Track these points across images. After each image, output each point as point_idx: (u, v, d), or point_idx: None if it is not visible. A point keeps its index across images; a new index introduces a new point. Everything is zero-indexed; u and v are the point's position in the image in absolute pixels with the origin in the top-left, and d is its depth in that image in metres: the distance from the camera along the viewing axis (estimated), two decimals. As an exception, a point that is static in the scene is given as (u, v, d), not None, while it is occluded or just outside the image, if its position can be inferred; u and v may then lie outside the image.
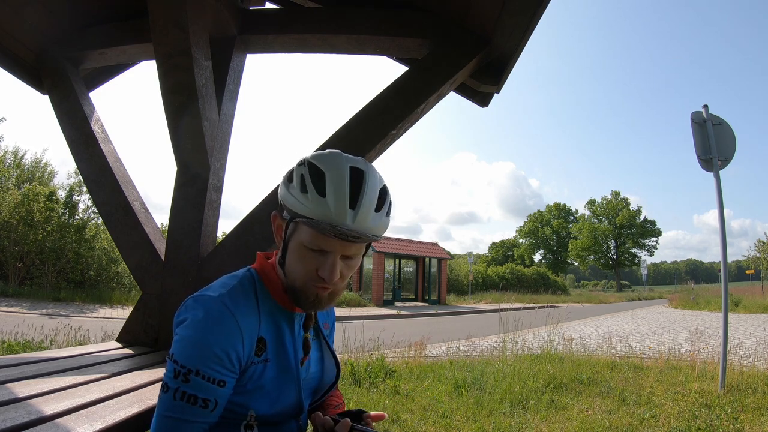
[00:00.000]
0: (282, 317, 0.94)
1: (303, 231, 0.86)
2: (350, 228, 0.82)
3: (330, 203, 0.82)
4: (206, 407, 0.81)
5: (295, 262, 0.89)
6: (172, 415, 0.80)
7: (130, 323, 2.21)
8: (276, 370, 0.90)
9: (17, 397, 1.12)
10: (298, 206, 0.85)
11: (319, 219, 0.82)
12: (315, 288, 0.89)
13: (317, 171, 0.85)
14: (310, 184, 0.84)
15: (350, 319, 11.14)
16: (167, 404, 0.80)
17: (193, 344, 0.80)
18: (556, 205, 63.15)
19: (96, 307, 12.60)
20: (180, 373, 0.79)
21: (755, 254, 32.97)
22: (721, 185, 4.96)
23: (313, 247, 0.86)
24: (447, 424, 3.36)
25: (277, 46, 2.61)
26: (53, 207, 15.00)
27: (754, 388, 4.40)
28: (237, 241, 2.19)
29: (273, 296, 0.94)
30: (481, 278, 33.91)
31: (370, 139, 2.19)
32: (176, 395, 0.79)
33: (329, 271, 0.86)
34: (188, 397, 0.79)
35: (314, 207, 0.83)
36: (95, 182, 2.44)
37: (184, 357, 0.80)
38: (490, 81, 2.47)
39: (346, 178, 0.84)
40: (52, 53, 2.59)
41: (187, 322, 0.83)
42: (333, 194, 0.83)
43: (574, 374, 4.88)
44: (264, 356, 0.89)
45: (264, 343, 0.89)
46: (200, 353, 0.80)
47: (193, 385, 0.79)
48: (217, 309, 0.83)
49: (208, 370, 0.80)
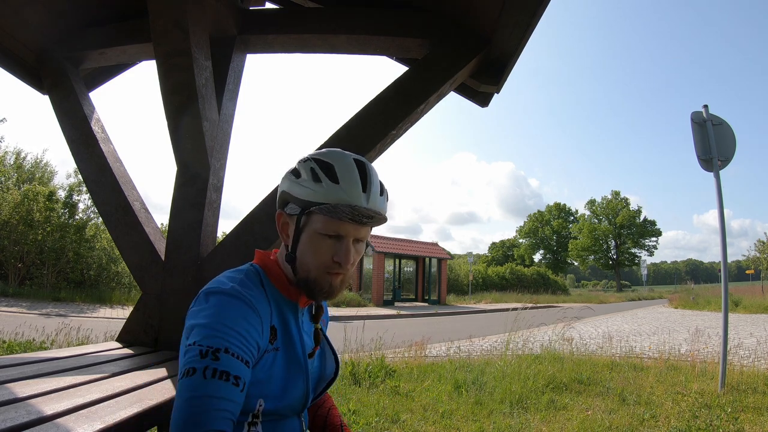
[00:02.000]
0: (287, 308, 0.96)
1: (317, 220, 0.91)
2: (367, 207, 0.89)
3: (345, 188, 0.89)
4: (238, 385, 0.77)
5: (309, 253, 0.92)
6: (203, 393, 0.74)
7: (130, 323, 2.21)
8: (285, 360, 0.92)
9: (17, 397, 1.12)
10: (312, 195, 0.89)
11: (337, 203, 0.88)
12: (329, 276, 0.93)
13: (325, 163, 0.92)
14: (322, 174, 0.90)
15: (350, 319, 11.13)
16: (196, 384, 0.75)
17: (217, 327, 0.80)
18: (556, 205, 63.11)
19: (96, 307, 12.59)
20: (209, 352, 0.77)
21: (755, 254, 32.98)
22: (721, 185, 4.96)
23: (329, 233, 0.90)
24: (447, 424, 3.36)
25: (277, 46, 2.61)
26: (53, 207, 14.99)
27: (754, 388, 4.39)
28: (237, 241, 2.19)
29: (278, 288, 0.96)
30: (481, 278, 33.89)
31: (370, 139, 2.19)
32: (206, 373, 0.75)
33: (345, 254, 0.91)
34: (220, 374, 0.76)
35: (330, 192, 0.88)
36: (95, 182, 2.44)
37: (209, 338, 0.78)
38: (490, 81, 2.46)
39: (354, 167, 0.92)
40: (52, 53, 2.59)
41: (205, 312, 0.82)
42: (346, 180, 0.89)
43: (574, 374, 4.88)
44: (275, 344, 0.90)
45: (275, 332, 0.91)
46: (225, 333, 0.79)
47: (224, 362, 0.77)
48: (234, 297, 0.84)
49: (236, 348, 0.79)
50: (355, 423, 3.22)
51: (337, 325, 8.21)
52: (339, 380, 4.39)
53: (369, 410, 3.47)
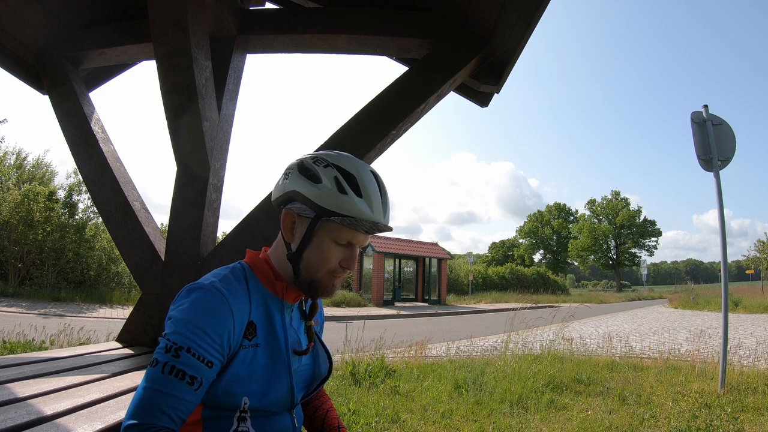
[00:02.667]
0: (273, 304, 0.98)
1: (333, 228, 0.93)
2: (386, 225, 0.95)
3: (368, 203, 0.92)
4: (192, 384, 0.83)
5: (318, 257, 0.95)
6: (158, 387, 0.81)
7: (130, 323, 2.21)
8: (267, 355, 0.93)
9: (17, 397, 1.12)
10: (334, 205, 0.91)
11: (361, 217, 0.91)
12: (333, 278, 0.97)
13: (348, 174, 0.93)
14: (346, 185, 0.92)
15: (350, 319, 11.13)
16: (154, 377, 0.82)
17: (186, 324, 0.84)
18: (556, 205, 63.07)
19: (96, 307, 12.59)
20: (171, 349, 0.83)
21: (755, 254, 32.91)
22: (721, 185, 4.96)
23: (342, 242, 0.94)
24: (447, 424, 3.36)
25: (277, 46, 2.61)
26: (53, 207, 14.99)
27: (754, 388, 4.39)
28: (237, 241, 2.18)
29: (263, 284, 0.98)
30: (481, 278, 33.87)
31: (370, 139, 2.19)
32: (165, 369, 0.82)
33: (353, 261, 0.96)
34: (177, 372, 0.82)
35: (354, 206, 0.91)
36: (95, 182, 2.44)
37: (176, 335, 0.84)
38: (490, 81, 2.46)
39: (374, 181, 0.95)
40: (52, 53, 2.59)
41: (181, 306, 0.87)
42: (369, 196, 0.92)
43: (574, 374, 4.88)
44: (255, 341, 0.92)
45: (254, 328, 0.93)
46: (192, 332, 0.84)
47: (183, 361, 0.82)
48: (209, 293, 0.88)
49: (198, 349, 0.83)
50: (355, 423, 3.22)
51: (338, 325, 8.20)
52: (339, 380, 4.39)
53: (369, 410, 3.47)
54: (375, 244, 20.25)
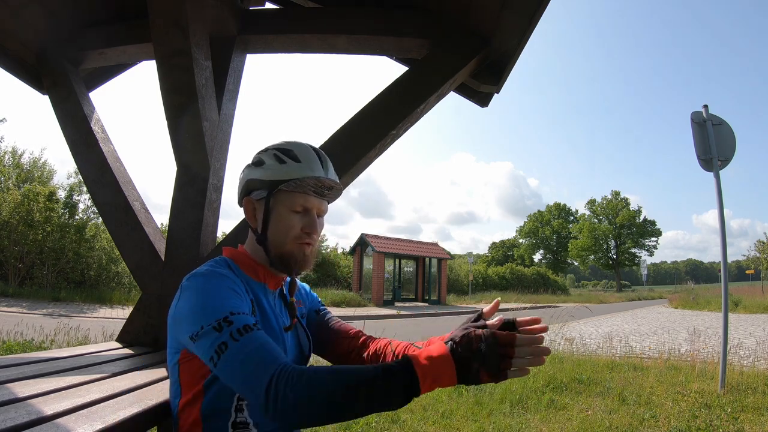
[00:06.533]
0: (258, 288, 1.03)
1: (284, 198, 1.01)
2: (329, 177, 1.02)
3: (306, 165, 1.01)
4: (260, 329, 0.86)
5: (280, 229, 1.01)
6: (247, 351, 0.80)
7: (130, 323, 2.21)
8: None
9: (17, 397, 1.12)
10: (278, 175, 0.99)
11: (302, 177, 0.99)
12: (302, 246, 1.02)
13: (285, 149, 1.03)
14: (285, 156, 1.01)
15: (350, 319, 11.13)
16: (236, 349, 0.80)
17: (207, 303, 0.86)
18: (556, 205, 63.08)
19: (96, 307, 12.59)
20: (219, 323, 0.83)
21: (755, 254, 32.92)
22: (721, 185, 4.96)
23: (296, 209, 1.01)
24: (447, 424, 3.36)
25: (277, 46, 2.61)
26: (53, 207, 14.99)
27: (754, 388, 4.39)
28: (237, 240, 2.17)
29: (246, 272, 1.04)
30: (481, 278, 33.87)
31: (370, 139, 2.19)
32: (234, 336, 0.81)
33: (312, 224, 1.02)
34: (243, 328, 0.83)
35: (294, 170, 0.99)
36: (95, 182, 2.44)
37: (209, 315, 0.84)
38: (491, 81, 2.46)
39: (310, 149, 1.05)
40: (52, 53, 2.59)
41: (188, 294, 0.90)
42: (306, 159, 1.02)
43: (574, 374, 4.88)
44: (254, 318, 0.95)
45: (253, 307, 0.97)
46: (220, 301, 0.86)
47: (238, 321, 0.84)
48: (209, 275, 0.92)
49: (236, 307, 0.87)
50: (354, 423, 3.22)
51: (337, 325, 8.19)
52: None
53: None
54: (375, 244, 20.25)
